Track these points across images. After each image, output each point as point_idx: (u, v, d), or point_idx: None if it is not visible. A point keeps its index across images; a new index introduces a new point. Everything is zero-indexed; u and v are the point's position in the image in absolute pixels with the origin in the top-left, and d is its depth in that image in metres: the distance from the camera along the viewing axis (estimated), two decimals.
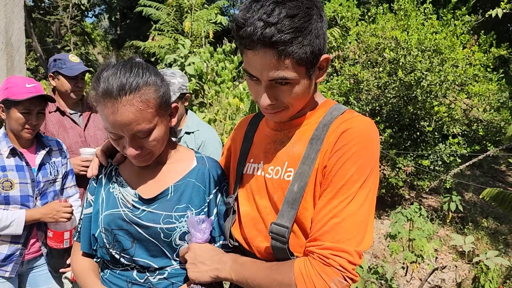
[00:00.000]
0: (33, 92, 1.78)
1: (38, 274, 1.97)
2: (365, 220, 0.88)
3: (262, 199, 1.03)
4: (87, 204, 1.19)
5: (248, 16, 0.84)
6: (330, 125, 0.96)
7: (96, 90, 0.99)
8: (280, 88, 0.91)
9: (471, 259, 4.65)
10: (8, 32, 2.11)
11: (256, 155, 1.10)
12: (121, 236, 1.07)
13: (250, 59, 0.89)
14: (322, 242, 0.87)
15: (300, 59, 0.86)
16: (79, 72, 2.28)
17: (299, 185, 0.93)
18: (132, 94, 0.97)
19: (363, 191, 0.88)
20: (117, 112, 0.96)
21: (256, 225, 1.03)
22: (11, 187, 1.79)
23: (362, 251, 0.87)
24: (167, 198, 1.10)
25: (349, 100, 5.63)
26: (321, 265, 0.85)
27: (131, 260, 1.08)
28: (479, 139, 5.57)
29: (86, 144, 2.35)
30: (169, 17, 8.09)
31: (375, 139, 0.93)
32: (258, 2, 0.85)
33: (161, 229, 1.06)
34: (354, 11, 6.23)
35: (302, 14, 0.84)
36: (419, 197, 6.20)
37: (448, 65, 4.91)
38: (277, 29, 0.82)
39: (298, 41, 0.84)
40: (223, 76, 5.43)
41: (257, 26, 0.83)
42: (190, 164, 1.17)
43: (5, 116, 1.81)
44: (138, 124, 0.98)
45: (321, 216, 0.89)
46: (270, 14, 0.82)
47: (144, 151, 1.04)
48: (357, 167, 0.88)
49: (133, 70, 1.00)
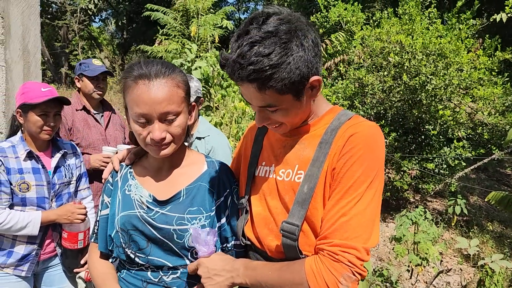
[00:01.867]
0: (49, 95, 1.85)
1: (53, 274, 2.03)
2: (371, 218, 0.94)
3: (273, 200, 1.09)
4: (103, 206, 1.25)
5: (229, 56, 0.91)
6: (338, 129, 1.02)
7: (129, 76, 1.08)
8: (271, 113, 0.99)
9: (476, 262, 4.65)
10: (25, 39, 2.19)
11: (267, 158, 1.16)
12: (136, 236, 1.13)
13: (240, 88, 0.98)
14: (332, 239, 0.93)
15: (281, 90, 0.92)
16: (99, 72, 2.49)
17: (309, 186, 1.00)
18: (165, 77, 1.06)
19: (369, 191, 0.94)
20: (152, 90, 1.04)
21: (268, 225, 1.09)
22: (27, 189, 1.85)
23: (370, 248, 0.93)
24: (180, 201, 1.15)
25: (354, 103, 5.67)
26: (331, 261, 0.91)
27: (146, 260, 1.13)
28: (484, 142, 5.59)
29: (106, 142, 2.56)
30: (176, 22, 8.18)
31: (380, 143, 0.99)
32: (237, 41, 0.91)
33: (174, 231, 1.11)
34: (359, 15, 6.28)
35: (278, 50, 0.87)
36: (424, 200, 6.21)
37: (453, 69, 4.94)
38: (254, 69, 0.88)
39: (276, 76, 0.89)
40: (229, 80, 5.49)
41: (235, 68, 0.89)
42: (201, 168, 1.23)
43: (23, 120, 1.88)
44: (169, 104, 1.05)
45: (331, 215, 0.95)
46: (245, 55, 0.88)
47: (167, 137, 1.09)
48: (363, 169, 0.94)
49: (162, 62, 1.11)
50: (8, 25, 2.11)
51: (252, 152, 1.22)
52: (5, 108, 2.18)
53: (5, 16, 2.07)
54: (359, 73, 5.48)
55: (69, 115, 2.44)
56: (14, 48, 2.16)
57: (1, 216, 1.76)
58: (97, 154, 2.41)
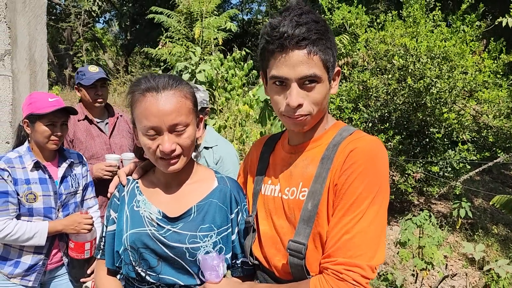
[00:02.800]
0: (56, 105, 1.86)
1: (59, 284, 2.04)
2: (376, 235, 0.93)
3: (279, 219, 1.09)
4: (110, 221, 1.23)
5: (280, 19, 0.98)
6: (339, 145, 1.02)
7: (136, 90, 1.09)
8: (307, 89, 0.99)
9: (482, 266, 4.64)
10: (32, 49, 2.20)
11: (273, 176, 1.16)
12: (147, 254, 1.12)
13: (280, 61, 0.98)
14: (336, 258, 0.92)
15: (325, 59, 0.98)
16: (94, 80, 2.42)
17: (313, 203, 0.99)
18: (173, 89, 1.08)
19: (372, 207, 0.94)
20: (160, 101, 1.05)
21: (275, 244, 1.09)
22: (34, 200, 1.86)
23: (375, 266, 0.92)
24: (191, 218, 1.14)
25: (358, 106, 5.66)
26: (336, 280, 0.91)
27: (157, 278, 1.12)
28: (489, 145, 5.56)
29: (111, 151, 2.50)
30: (180, 25, 8.19)
31: (381, 157, 0.98)
32: (287, 11, 0.99)
33: (187, 249, 1.10)
34: (363, 18, 6.25)
35: (323, 23, 0.98)
36: (428, 203, 6.19)
37: (458, 72, 4.92)
38: (307, 28, 0.95)
39: (322, 43, 0.97)
40: (233, 83, 5.49)
41: (290, 25, 0.95)
42: (211, 185, 1.22)
43: (30, 130, 1.89)
44: (178, 116, 1.06)
45: (334, 233, 0.94)
46: (299, 17, 0.96)
47: (177, 149, 1.09)
48: (365, 185, 0.94)
49: (169, 75, 1.13)
50: (15, 36, 2.12)
51: (257, 169, 1.22)
52: (12, 118, 2.19)
53: (12, 26, 2.09)
54: (363, 76, 5.46)
55: (71, 126, 2.39)
56: (21, 58, 2.17)
57: (9, 227, 1.77)
58: (100, 163, 2.37)
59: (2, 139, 2.18)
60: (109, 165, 2.35)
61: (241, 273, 1.21)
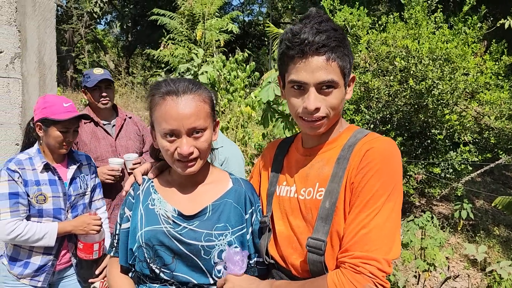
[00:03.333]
0: (70, 111, 1.89)
1: (68, 284, 2.06)
2: (391, 230, 0.97)
3: (296, 219, 1.12)
4: (124, 219, 1.25)
5: (301, 26, 1.02)
6: (354, 146, 1.06)
7: (156, 93, 1.12)
8: (325, 92, 1.03)
9: (484, 267, 4.65)
10: (41, 52, 2.22)
11: (288, 178, 1.18)
12: (162, 251, 1.14)
13: (299, 67, 1.03)
14: (352, 252, 0.95)
15: (343, 66, 1.02)
16: (97, 81, 2.42)
17: (330, 202, 1.03)
18: (193, 93, 1.11)
19: (388, 204, 0.97)
20: (180, 105, 1.08)
21: (291, 243, 1.12)
22: (44, 201, 1.89)
23: (391, 260, 0.95)
24: (206, 217, 1.17)
25: (360, 108, 5.68)
26: (353, 274, 0.93)
27: (171, 276, 1.14)
28: (491, 147, 5.58)
29: (116, 154, 2.50)
30: (182, 27, 8.22)
31: (396, 156, 1.02)
32: (308, 18, 1.03)
33: (202, 247, 1.13)
34: (365, 20, 6.28)
35: (341, 31, 1.03)
36: (430, 204, 6.21)
37: (459, 73, 4.94)
38: (326, 36, 0.99)
39: (341, 50, 1.01)
40: (236, 85, 5.51)
41: (311, 32, 0.99)
42: (226, 186, 1.24)
43: (43, 133, 1.91)
44: (197, 119, 1.09)
45: (351, 229, 0.97)
46: (319, 24, 1.00)
47: (195, 152, 1.12)
48: (381, 182, 0.97)
49: (189, 79, 1.16)
50: (25, 39, 2.14)
51: (272, 171, 1.24)
52: (21, 120, 2.21)
53: (22, 29, 2.11)
54: (365, 77, 5.48)
55: None
56: (30, 61, 2.19)
57: (19, 228, 1.80)
58: (102, 167, 2.36)
59: (12, 140, 2.20)
60: (111, 169, 2.35)
61: (255, 272, 1.23)
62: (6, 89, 2.13)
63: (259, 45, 17.65)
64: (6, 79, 2.11)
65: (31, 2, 2.16)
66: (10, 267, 1.90)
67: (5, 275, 1.92)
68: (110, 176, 2.35)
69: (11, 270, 1.90)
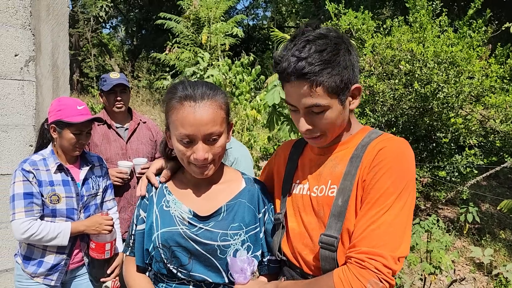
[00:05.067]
0: (84, 114, 1.93)
1: (80, 283, 2.09)
2: (400, 228, 0.97)
3: (308, 216, 1.14)
4: (139, 220, 1.26)
5: (284, 54, 1.01)
6: (368, 145, 1.08)
7: (174, 97, 1.12)
8: (316, 115, 1.04)
9: (490, 271, 4.64)
10: (54, 55, 2.27)
11: (302, 176, 1.21)
12: (179, 252, 1.16)
13: (288, 90, 1.05)
14: (359, 247, 0.97)
15: (331, 87, 1.00)
16: (112, 85, 2.47)
17: (343, 199, 1.05)
18: (210, 99, 1.11)
19: (398, 202, 0.98)
20: (197, 111, 1.09)
21: (302, 240, 1.14)
22: (58, 201, 1.92)
23: (399, 257, 0.95)
24: (221, 217, 1.19)
25: (365, 111, 5.70)
26: (358, 268, 0.95)
27: (188, 275, 1.16)
28: (496, 150, 5.57)
29: (126, 157, 2.54)
30: (188, 31, 8.28)
31: (409, 156, 1.04)
32: (292, 42, 1.02)
33: (218, 246, 1.15)
34: (370, 23, 6.31)
35: (330, 49, 0.99)
36: (435, 208, 6.20)
37: (464, 76, 4.95)
38: (308, 62, 0.97)
39: (327, 72, 0.98)
40: (241, 88, 5.55)
41: (291, 61, 0.99)
42: (239, 185, 1.27)
43: (57, 135, 1.95)
44: (213, 126, 1.10)
45: (360, 225, 0.99)
46: (301, 50, 0.99)
47: (210, 157, 1.14)
48: (392, 180, 0.99)
49: (205, 83, 1.16)
50: (39, 42, 2.19)
51: (286, 170, 1.27)
52: (35, 122, 2.26)
53: (36, 33, 2.16)
54: (370, 81, 5.51)
55: None
56: (44, 64, 2.24)
57: (33, 227, 1.83)
58: (111, 169, 2.40)
59: (26, 142, 2.25)
60: (119, 171, 2.39)
61: (267, 271, 1.26)
62: (20, 91, 2.18)
63: (264, 49, 17.71)
64: (21, 82, 2.16)
65: (45, 6, 2.21)
66: (24, 266, 1.93)
67: (20, 274, 1.96)
68: (118, 179, 2.40)
69: (25, 269, 1.93)
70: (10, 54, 2.15)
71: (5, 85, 2.15)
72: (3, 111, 2.18)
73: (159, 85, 9.65)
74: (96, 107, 8.34)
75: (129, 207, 2.57)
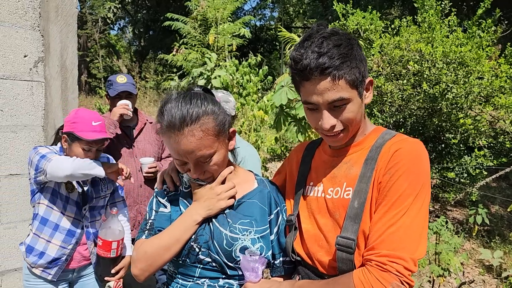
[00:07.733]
0: (98, 131, 1.89)
1: (86, 283, 2.10)
2: (418, 230, 0.97)
3: (323, 218, 1.14)
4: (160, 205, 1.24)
5: (302, 51, 1.01)
6: (382, 147, 1.07)
7: (161, 123, 1.11)
8: (338, 109, 1.04)
9: (499, 273, 4.58)
10: (63, 56, 2.29)
11: (315, 178, 1.21)
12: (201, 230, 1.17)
13: (308, 89, 1.04)
14: (379, 250, 0.96)
15: (352, 80, 1.01)
16: (118, 92, 2.47)
17: (359, 201, 1.04)
18: (192, 124, 1.06)
19: (416, 204, 0.98)
20: (181, 142, 1.07)
21: (317, 241, 1.14)
22: (72, 190, 1.94)
23: (417, 259, 0.95)
24: (231, 211, 1.20)
25: (373, 111, 5.67)
26: (379, 271, 0.94)
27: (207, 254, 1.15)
28: (506, 151, 5.51)
29: (133, 156, 2.57)
30: (195, 31, 8.31)
31: (424, 157, 1.03)
32: (308, 40, 1.03)
33: (225, 235, 1.15)
34: (378, 23, 6.28)
35: (345, 44, 1.02)
36: (444, 209, 6.14)
37: (474, 77, 4.90)
38: (328, 57, 0.98)
39: (347, 65, 1.00)
40: (248, 89, 5.55)
41: (312, 57, 0.99)
42: (251, 186, 1.27)
43: (67, 146, 1.94)
44: (200, 151, 1.08)
45: (378, 227, 0.98)
46: (320, 46, 0.99)
47: (206, 174, 1.15)
48: (409, 182, 0.98)
49: (192, 101, 1.09)
50: (48, 43, 2.21)
51: (299, 172, 1.27)
52: (44, 122, 2.28)
53: (45, 34, 2.18)
54: (378, 81, 5.48)
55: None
56: (53, 65, 2.26)
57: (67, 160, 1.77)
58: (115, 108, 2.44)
59: (35, 142, 2.27)
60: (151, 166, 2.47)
61: (281, 272, 1.24)
62: (29, 92, 2.20)
63: (271, 50, 17.72)
64: (30, 82, 2.18)
65: (54, 8, 2.23)
66: (26, 255, 1.94)
67: (27, 274, 1.97)
68: (149, 174, 2.49)
69: (26, 257, 1.93)
70: (19, 55, 2.18)
71: (14, 86, 2.18)
72: (12, 112, 2.21)
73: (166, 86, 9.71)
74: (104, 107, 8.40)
75: (135, 206, 2.58)
